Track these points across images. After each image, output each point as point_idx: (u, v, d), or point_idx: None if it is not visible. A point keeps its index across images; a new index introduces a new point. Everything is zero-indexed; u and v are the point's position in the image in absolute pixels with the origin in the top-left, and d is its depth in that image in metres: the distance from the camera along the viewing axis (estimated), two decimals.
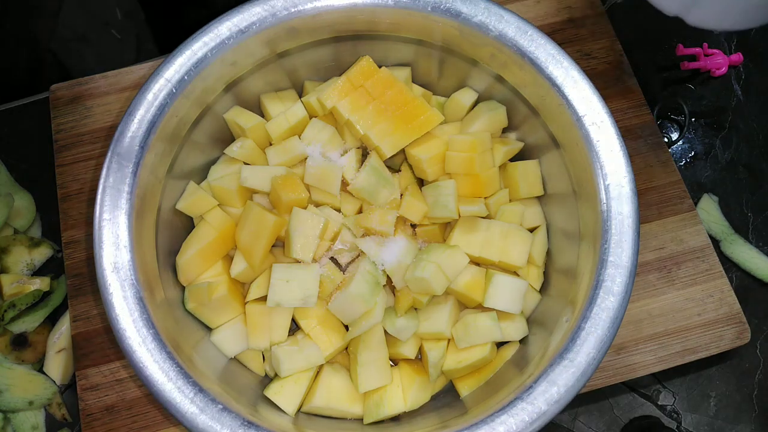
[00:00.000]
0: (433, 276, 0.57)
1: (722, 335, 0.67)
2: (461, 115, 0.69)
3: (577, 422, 0.69)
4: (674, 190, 0.71)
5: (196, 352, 0.57)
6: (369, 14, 0.62)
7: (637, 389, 0.70)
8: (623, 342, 0.66)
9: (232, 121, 0.66)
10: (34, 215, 0.75)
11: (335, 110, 0.65)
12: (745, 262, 0.73)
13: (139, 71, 0.75)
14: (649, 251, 0.69)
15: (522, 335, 0.62)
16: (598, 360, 0.52)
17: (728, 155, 0.79)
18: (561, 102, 0.59)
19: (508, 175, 0.67)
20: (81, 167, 0.71)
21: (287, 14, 0.60)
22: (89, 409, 0.64)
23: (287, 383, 0.60)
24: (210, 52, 0.59)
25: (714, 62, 0.80)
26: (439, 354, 0.60)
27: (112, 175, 0.56)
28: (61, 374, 0.68)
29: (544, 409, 0.51)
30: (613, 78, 0.75)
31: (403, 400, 0.60)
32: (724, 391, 0.70)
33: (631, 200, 0.56)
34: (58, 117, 0.73)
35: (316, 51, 0.66)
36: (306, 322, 0.61)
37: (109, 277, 0.54)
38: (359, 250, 0.63)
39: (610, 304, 0.53)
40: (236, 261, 0.62)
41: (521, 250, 0.62)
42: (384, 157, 0.64)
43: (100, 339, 0.66)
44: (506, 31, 0.60)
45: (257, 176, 0.64)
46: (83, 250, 0.69)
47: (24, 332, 0.69)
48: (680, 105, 0.78)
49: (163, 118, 0.58)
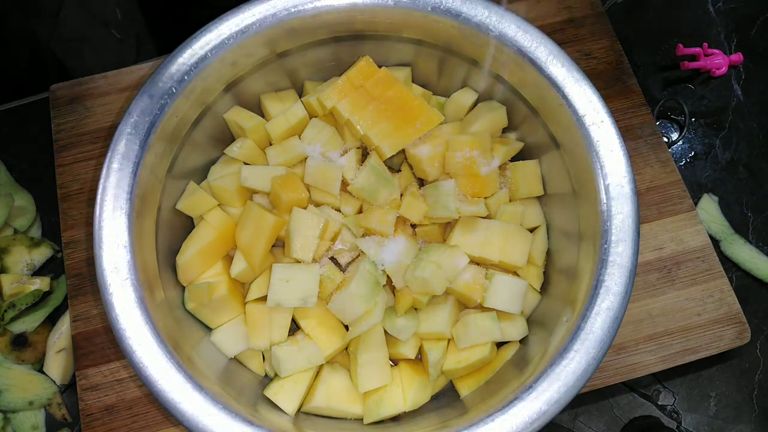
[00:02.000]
0: (433, 276, 0.57)
1: (722, 335, 0.67)
2: (461, 115, 0.69)
3: (577, 422, 0.69)
4: (674, 190, 0.71)
5: (196, 352, 0.57)
6: (369, 14, 0.62)
7: (637, 389, 0.70)
8: (623, 342, 0.66)
9: (232, 121, 0.66)
10: (34, 215, 0.74)
11: (335, 110, 0.65)
12: (745, 262, 0.73)
13: (139, 71, 0.75)
14: (649, 251, 0.69)
15: (522, 335, 0.62)
16: (598, 360, 0.52)
17: (728, 155, 0.79)
18: (561, 102, 0.59)
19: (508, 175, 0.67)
20: (81, 167, 0.71)
21: (287, 14, 0.60)
22: (89, 409, 0.64)
23: (287, 383, 0.60)
24: (210, 52, 0.59)
25: (714, 62, 0.80)
26: (439, 354, 0.60)
27: (112, 175, 0.56)
28: (61, 374, 0.68)
29: (544, 409, 0.51)
30: (613, 78, 0.75)
31: (403, 400, 0.60)
32: (724, 391, 0.70)
33: (631, 200, 0.56)
34: (58, 117, 0.73)
35: (316, 51, 0.66)
36: (306, 322, 0.61)
37: (109, 277, 0.54)
38: (359, 250, 0.63)
39: (610, 304, 0.53)
40: (236, 261, 0.62)
41: (521, 250, 0.62)
42: (384, 157, 0.64)
43: (100, 339, 0.66)
44: (506, 31, 0.60)
45: (257, 176, 0.64)
46: (83, 250, 0.69)
47: (24, 332, 0.69)
48: (680, 105, 0.78)
49: (163, 118, 0.58)
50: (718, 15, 0.84)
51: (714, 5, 0.85)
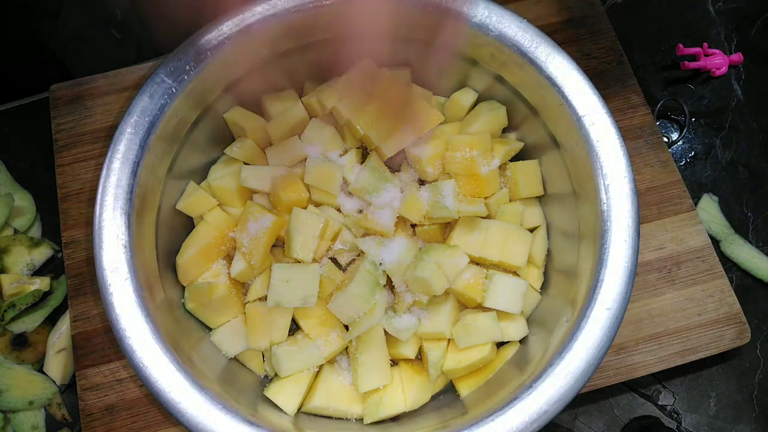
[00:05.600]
0: (433, 276, 0.57)
1: (722, 335, 0.67)
2: (461, 115, 0.69)
3: (577, 422, 0.69)
4: (674, 190, 0.71)
5: (196, 352, 0.57)
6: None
7: (637, 389, 0.70)
8: (623, 342, 0.66)
9: (232, 121, 0.66)
10: (34, 215, 0.74)
11: (335, 110, 0.65)
12: (745, 262, 0.73)
13: (139, 71, 0.75)
14: (649, 251, 0.69)
15: (522, 335, 0.62)
16: (598, 360, 0.52)
17: (728, 155, 0.79)
18: (561, 102, 0.59)
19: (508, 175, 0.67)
20: (81, 167, 0.71)
21: (287, 14, 0.60)
22: (89, 409, 0.63)
23: (287, 383, 0.60)
24: (210, 52, 0.59)
25: (714, 62, 0.80)
26: (439, 354, 0.60)
27: (112, 175, 0.56)
28: (61, 374, 0.68)
29: (544, 409, 0.51)
30: (613, 78, 0.75)
31: (403, 400, 0.60)
32: (724, 391, 0.70)
33: (631, 200, 0.56)
34: (58, 117, 0.73)
35: (316, 51, 0.66)
36: (306, 322, 0.61)
37: (109, 277, 0.54)
38: (359, 250, 0.63)
39: (610, 304, 0.53)
40: (236, 261, 0.62)
41: (521, 250, 0.62)
42: (384, 157, 0.64)
43: (100, 339, 0.66)
44: (506, 31, 0.60)
45: (257, 176, 0.63)
46: (83, 250, 0.69)
47: (24, 332, 0.69)
48: (680, 105, 0.78)
49: (163, 118, 0.58)
50: (718, 15, 0.84)
51: (714, 5, 0.85)
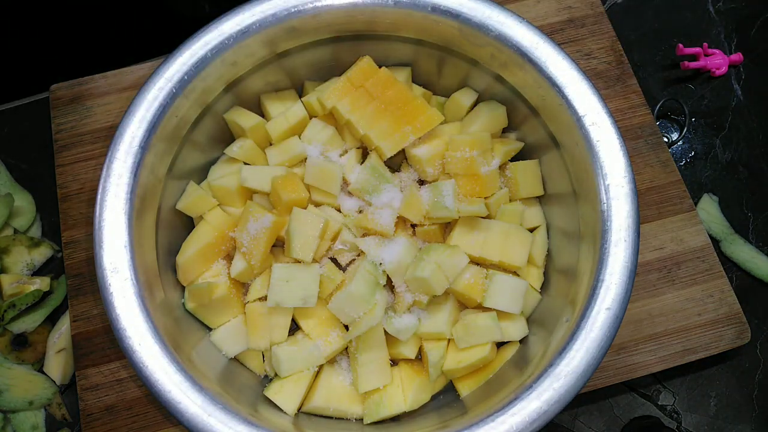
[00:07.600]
0: (433, 276, 0.57)
1: (722, 335, 0.67)
2: (461, 115, 0.69)
3: (577, 422, 0.69)
4: (674, 190, 0.71)
5: (196, 352, 0.57)
6: (369, 14, 0.62)
7: (637, 389, 0.70)
8: (623, 342, 0.66)
9: (232, 121, 0.66)
10: (34, 215, 0.74)
11: (335, 110, 0.65)
12: (745, 262, 0.73)
13: (139, 71, 0.75)
14: (649, 251, 0.69)
15: (522, 335, 0.62)
16: (598, 360, 0.52)
17: (728, 155, 0.79)
18: (561, 102, 0.59)
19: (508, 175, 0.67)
20: (81, 167, 0.71)
21: (287, 14, 0.60)
22: (89, 409, 0.63)
23: (287, 383, 0.60)
24: (210, 52, 0.59)
25: (714, 62, 0.80)
26: (439, 354, 0.60)
27: (112, 174, 0.56)
28: (61, 374, 0.68)
29: (544, 409, 0.51)
30: (613, 78, 0.75)
31: (403, 400, 0.60)
32: (724, 391, 0.70)
33: (631, 200, 0.56)
34: (58, 117, 0.73)
35: (316, 51, 0.66)
36: (306, 322, 0.61)
37: (109, 277, 0.54)
38: (359, 250, 0.63)
39: (610, 304, 0.53)
40: (236, 261, 0.62)
41: (521, 250, 0.62)
42: (384, 157, 0.64)
43: (100, 339, 0.66)
44: (506, 31, 0.60)
45: (257, 176, 0.64)
46: (83, 250, 0.69)
47: (24, 332, 0.69)
48: (680, 105, 0.78)
49: (163, 118, 0.58)
50: (718, 15, 0.84)
51: (714, 5, 0.85)
